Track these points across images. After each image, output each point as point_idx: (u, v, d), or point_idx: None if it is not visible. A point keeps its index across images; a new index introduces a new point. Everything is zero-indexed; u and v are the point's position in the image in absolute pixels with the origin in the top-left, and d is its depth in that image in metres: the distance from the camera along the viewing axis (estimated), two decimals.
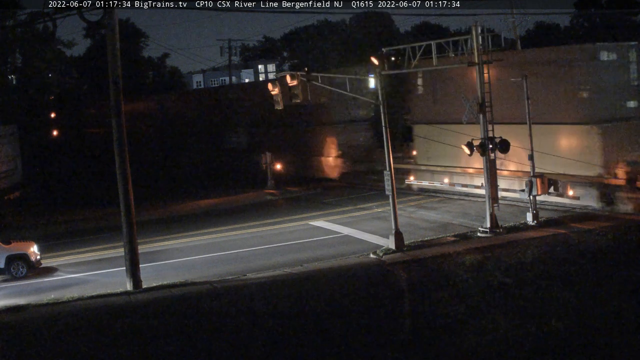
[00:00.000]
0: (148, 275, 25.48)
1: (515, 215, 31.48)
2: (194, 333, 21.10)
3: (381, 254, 26.94)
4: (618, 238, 27.02)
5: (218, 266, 27.48)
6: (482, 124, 28.83)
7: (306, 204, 40.86)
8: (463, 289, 23.54)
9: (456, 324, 21.36)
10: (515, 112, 31.70)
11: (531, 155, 30.35)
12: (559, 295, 22.75)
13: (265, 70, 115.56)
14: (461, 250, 26.62)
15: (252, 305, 22.69)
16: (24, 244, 29.04)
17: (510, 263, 25.29)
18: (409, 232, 29.36)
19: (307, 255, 28.06)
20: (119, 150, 24.76)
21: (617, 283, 23.49)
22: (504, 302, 22.53)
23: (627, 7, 63.92)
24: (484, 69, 28.73)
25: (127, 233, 24.89)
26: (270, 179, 47.17)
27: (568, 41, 54.82)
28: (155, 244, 32.14)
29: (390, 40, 54.30)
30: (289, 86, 28.38)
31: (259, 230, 34.07)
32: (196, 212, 41.28)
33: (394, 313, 22.39)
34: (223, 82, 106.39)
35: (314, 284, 24.19)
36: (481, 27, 28.92)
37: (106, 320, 21.82)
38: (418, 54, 29.96)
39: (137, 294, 24.02)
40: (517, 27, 49.61)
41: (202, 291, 23.79)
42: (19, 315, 22.34)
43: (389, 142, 28.11)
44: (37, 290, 25.76)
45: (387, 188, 28.05)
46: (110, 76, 24.70)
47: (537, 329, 20.72)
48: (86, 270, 28.59)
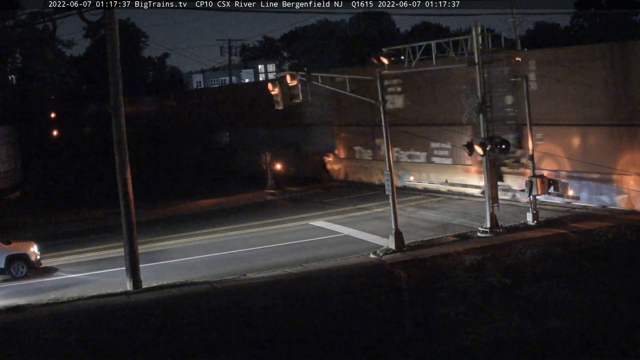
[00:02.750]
0: (148, 275, 25.48)
1: (515, 215, 31.47)
2: (194, 333, 21.10)
3: (381, 254, 26.95)
4: (618, 238, 27.00)
5: (218, 266, 27.48)
6: (482, 124, 28.85)
7: (306, 204, 40.85)
8: (463, 288, 23.53)
9: (456, 324, 21.36)
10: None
11: (531, 156, 30.40)
12: (559, 295, 22.74)
13: (265, 70, 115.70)
14: (461, 250, 26.61)
15: (252, 305, 22.69)
16: (24, 244, 29.05)
17: (510, 263, 25.28)
18: (409, 232, 29.36)
19: (307, 255, 28.07)
20: (118, 150, 24.76)
21: (617, 283, 23.48)
22: (503, 302, 22.52)
23: (627, 7, 63.96)
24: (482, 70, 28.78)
25: (127, 233, 24.90)
26: (270, 179, 47.17)
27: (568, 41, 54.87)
28: (155, 244, 32.15)
29: (390, 40, 54.33)
30: (289, 86, 28.39)
31: (259, 230, 34.07)
32: (196, 212, 41.28)
33: (394, 313, 22.39)
34: (223, 82, 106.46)
35: (314, 284, 24.20)
36: (481, 27, 28.94)
37: (106, 320, 21.83)
38: (418, 54, 29.95)
39: (137, 294, 24.03)
40: (517, 27, 49.73)
41: (202, 291, 23.80)
42: (19, 315, 22.35)
43: (389, 142, 28.11)
44: (37, 290, 25.76)
45: (387, 188, 28.06)
46: (110, 76, 24.70)
47: (537, 329, 20.72)
48: (86, 270, 28.60)
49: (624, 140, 30.99)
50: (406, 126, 38.63)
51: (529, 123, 30.53)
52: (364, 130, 44.97)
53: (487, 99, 28.93)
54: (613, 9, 66.89)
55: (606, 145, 31.60)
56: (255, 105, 56.38)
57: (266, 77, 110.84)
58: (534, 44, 59.06)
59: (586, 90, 31.93)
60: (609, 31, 62.88)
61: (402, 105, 40.52)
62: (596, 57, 31.98)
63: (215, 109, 65.08)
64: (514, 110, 33.29)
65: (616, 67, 31.09)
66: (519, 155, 33.96)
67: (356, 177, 46.68)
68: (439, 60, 30.35)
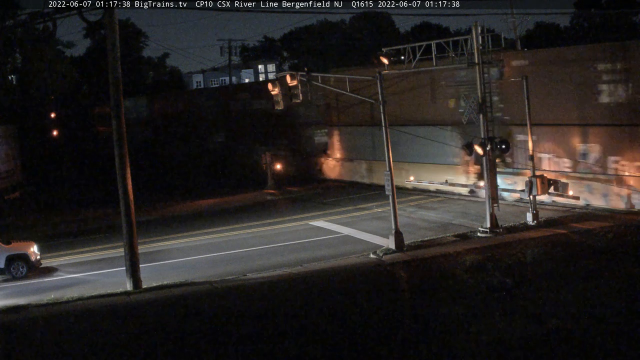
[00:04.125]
0: (148, 275, 25.47)
1: (516, 215, 31.48)
2: (194, 333, 21.10)
3: (381, 254, 26.95)
4: (618, 238, 27.01)
5: (218, 266, 27.48)
6: (482, 124, 28.87)
7: (306, 204, 40.86)
8: (463, 289, 23.55)
9: (456, 324, 21.37)
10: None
11: (531, 156, 30.40)
12: (559, 295, 22.75)
13: (265, 70, 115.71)
14: (461, 250, 26.61)
15: (251, 305, 22.70)
16: (24, 244, 29.04)
17: (510, 263, 25.29)
18: (409, 232, 29.36)
19: (307, 255, 28.07)
20: (118, 150, 24.75)
21: (617, 283, 23.49)
22: (504, 302, 22.54)
23: (627, 7, 63.98)
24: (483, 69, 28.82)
25: (127, 233, 24.88)
26: (270, 179, 47.18)
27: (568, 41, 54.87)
28: (155, 244, 32.15)
29: (390, 40, 54.32)
30: (289, 86, 28.39)
31: (259, 230, 34.07)
32: (196, 212, 41.28)
33: (394, 313, 22.40)
34: (223, 82, 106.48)
35: (314, 284, 24.19)
36: (481, 27, 28.95)
37: (106, 320, 21.82)
38: (418, 54, 29.96)
39: (137, 294, 24.01)
40: (517, 27, 49.69)
41: (202, 291, 23.79)
42: (19, 315, 22.34)
43: (389, 142, 28.11)
44: (37, 290, 25.76)
45: (387, 188, 28.05)
46: (110, 76, 24.69)
47: (537, 329, 20.72)
48: (86, 270, 28.60)
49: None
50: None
51: (529, 123, 30.52)
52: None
53: (487, 99, 28.97)
54: (613, 9, 66.90)
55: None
56: (255, 105, 56.43)
57: (266, 77, 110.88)
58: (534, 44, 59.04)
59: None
60: (609, 31, 62.83)
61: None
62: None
63: (216, 108, 65.11)
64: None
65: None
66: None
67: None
68: (439, 60, 30.40)
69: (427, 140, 37.45)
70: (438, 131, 37.31)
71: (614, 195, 31.17)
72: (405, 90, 39.78)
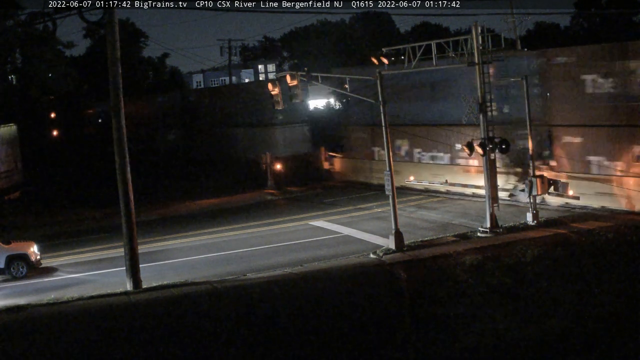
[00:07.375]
0: (148, 275, 25.46)
1: (515, 215, 31.47)
2: (193, 333, 21.10)
3: (381, 254, 26.94)
4: (618, 238, 27.01)
5: (218, 266, 27.48)
6: (482, 124, 28.86)
7: (306, 204, 40.86)
8: (463, 288, 23.55)
9: (456, 324, 21.37)
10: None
11: (531, 156, 30.40)
12: (559, 295, 22.76)
13: (265, 70, 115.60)
14: (461, 250, 26.61)
15: (251, 305, 22.69)
16: (24, 244, 29.04)
17: (510, 263, 25.29)
18: (409, 232, 29.36)
19: (307, 255, 28.07)
20: (119, 150, 24.75)
21: (617, 283, 23.50)
22: (503, 302, 22.54)
23: (627, 7, 63.97)
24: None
25: (127, 233, 24.87)
26: (270, 179, 47.16)
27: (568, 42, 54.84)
28: (155, 244, 32.15)
29: (390, 40, 54.30)
30: (289, 86, 28.38)
31: (259, 230, 34.07)
32: (196, 212, 41.29)
33: (394, 313, 22.40)
34: (223, 82, 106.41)
35: (314, 284, 24.19)
36: (481, 27, 28.93)
37: (106, 321, 21.82)
38: (418, 54, 29.96)
39: (137, 294, 24.00)
40: (517, 27, 49.69)
41: (202, 291, 23.78)
42: (19, 315, 22.33)
43: (389, 142, 28.11)
44: (37, 290, 25.75)
45: (387, 188, 28.05)
46: (110, 77, 24.69)
47: (537, 329, 20.73)
48: (86, 270, 28.60)
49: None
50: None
51: (529, 123, 30.51)
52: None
53: (487, 99, 28.96)
54: (613, 9, 66.92)
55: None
56: (255, 105, 56.40)
57: (266, 77, 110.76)
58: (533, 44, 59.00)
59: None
60: (609, 31, 62.83)
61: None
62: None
63: (216, 108, 65.09)
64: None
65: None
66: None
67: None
68: (439, 60, 30.37)
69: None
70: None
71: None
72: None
